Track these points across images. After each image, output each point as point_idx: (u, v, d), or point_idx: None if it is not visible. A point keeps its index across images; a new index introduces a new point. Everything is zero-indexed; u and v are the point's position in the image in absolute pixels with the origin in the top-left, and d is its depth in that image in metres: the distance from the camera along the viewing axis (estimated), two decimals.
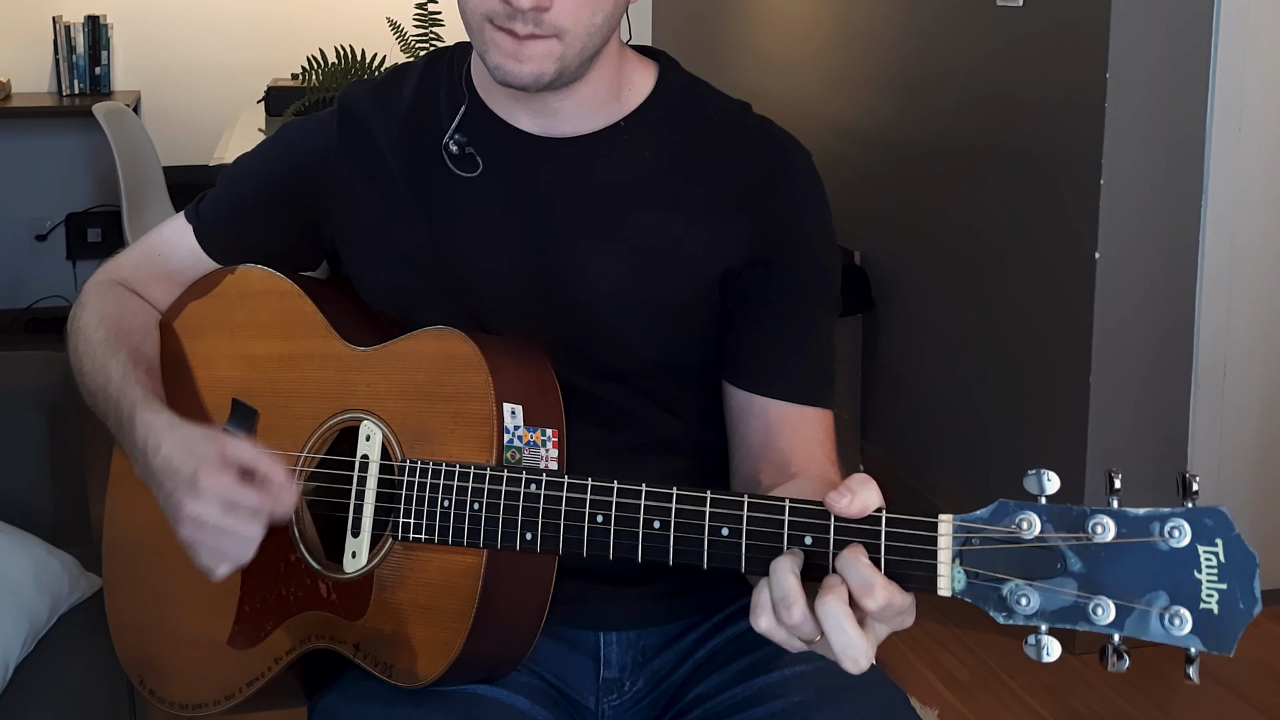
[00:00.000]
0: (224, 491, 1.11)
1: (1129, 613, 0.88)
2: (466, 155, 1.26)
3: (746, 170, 1.26)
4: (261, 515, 1.12)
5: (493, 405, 1.14)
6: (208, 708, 1.27)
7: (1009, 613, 0.91)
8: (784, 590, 0.94)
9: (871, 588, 0.92)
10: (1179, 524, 0.87)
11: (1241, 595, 0.86)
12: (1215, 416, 2.88)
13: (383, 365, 1.22)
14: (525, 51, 1.15)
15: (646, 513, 1.04)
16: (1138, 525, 0.88)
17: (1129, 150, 2.75)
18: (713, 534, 1.02)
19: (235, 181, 1.39)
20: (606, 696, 1.30)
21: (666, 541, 1.03)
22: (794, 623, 0.94)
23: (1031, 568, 0.90)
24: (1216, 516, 0.87)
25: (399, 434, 1.18)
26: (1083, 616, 0.89)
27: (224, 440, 1.15)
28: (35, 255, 5.35)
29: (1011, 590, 0.91)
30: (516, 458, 1.14)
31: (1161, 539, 0.87)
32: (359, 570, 1.18)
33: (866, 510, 0.95)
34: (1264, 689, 2.69)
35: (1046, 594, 0.90)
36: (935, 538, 0.93)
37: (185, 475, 1.13)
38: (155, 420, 1.20)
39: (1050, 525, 0.90)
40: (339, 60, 3.65)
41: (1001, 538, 0.91)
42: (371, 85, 1.34)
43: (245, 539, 1.12)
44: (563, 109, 1.24)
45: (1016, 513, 0.91)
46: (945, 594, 0.93)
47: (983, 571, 0.92)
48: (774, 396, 1.25)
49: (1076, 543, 0.89)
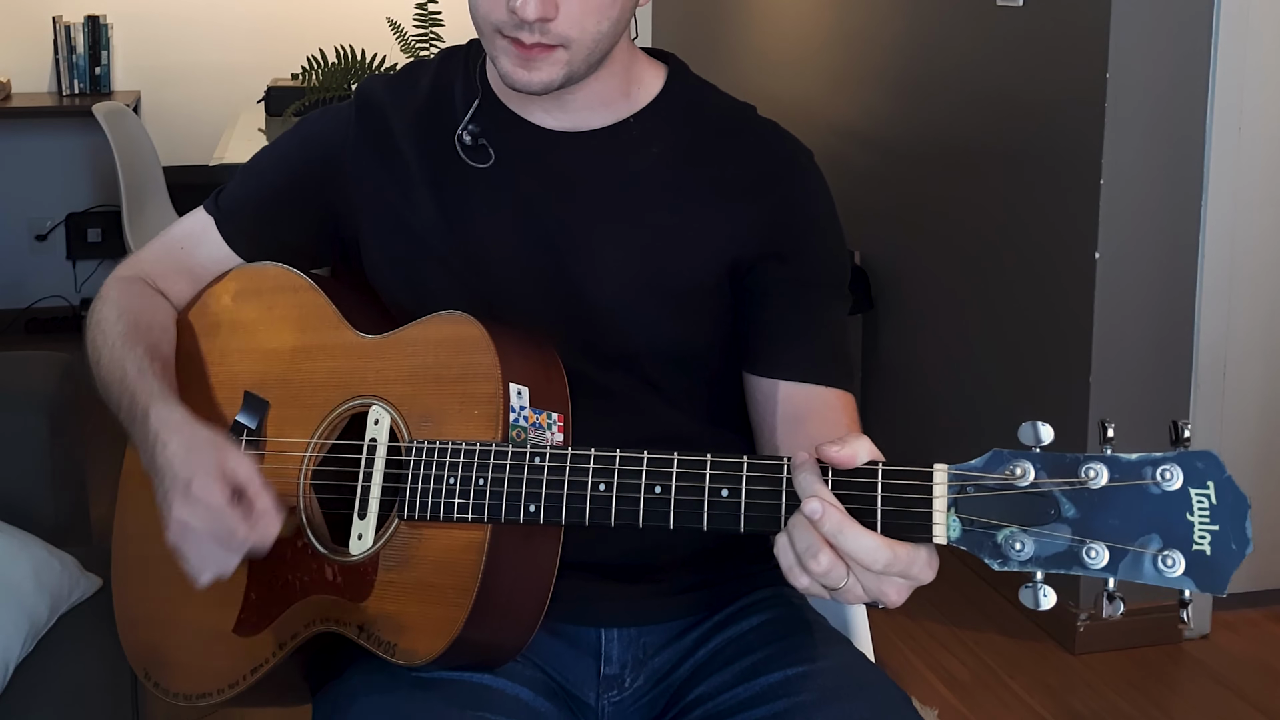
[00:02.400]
0: (211, 504, 1.14)
1: (1123, 556, 0.89)
2: (479, 147, 1.29)
3: (752, 165, 1.29)
4: (242, 539, 1.14)
5: (499, 384, 1.16)
6: (211, 697, 1.28)
7: (1004, 559, 0.92)
8: (806, 541, 0.97)
9: (872, 552, 0.95)
10: (1171, 467, 0.88)
11: (1233, 536, 0.88)
12: (1215, 416, 2.88)
13: (392, 351, 1.24)
14: (534, 62, 1.18)
15: (648, 478, 1.06)
16: (1130, 469, 0.89)
17: (1129, 150, 2.75)
18: (713, 495, 1.04)
19: (256, 173, 1.41)
20: (607, 693, 1.31)
21: (667, 505, 1.05)
22: (822, 569, 0.96)
23: (1026, 514, 0.91)
24: (1207, 460, 0.88)
25: (407, 417, 1.20)
26: (1077, 561, 0.90)
27: (226, 452, 1.16)
28: (35, 255, 5.35)
29: (1006, 537, 0.92)
30: (522, 437, 1.16)
31: (1154, 482, 0.89)
32: (365, 552, 1.19)
33: (855, 460, 0.98)
34: (1264, 689, 2.69)
35: (1041, 540, 0.91)
36: (930, 486, 0.94)
37: (181, 479, 1.15)
38: (169, 416, 1.21)
39: (1044, 472, 0.91)
40: (339, 60, 3.66)
41: (996, 485, 0.92)
42: (388, 79, 1.37)
43: (222, 557, 1.15)
44: (573, 103, 1.27)
45: (1011, 461, 0.92)
46: (940, 541, 0.94)
47: (978, 519, 0.93)
48: (796, 379, 1.26)
49: (1070, 488, 0.90)
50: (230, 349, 1.34)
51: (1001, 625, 2.90)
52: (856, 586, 0.98)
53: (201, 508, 1.13)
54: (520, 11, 1.14)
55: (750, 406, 1.30)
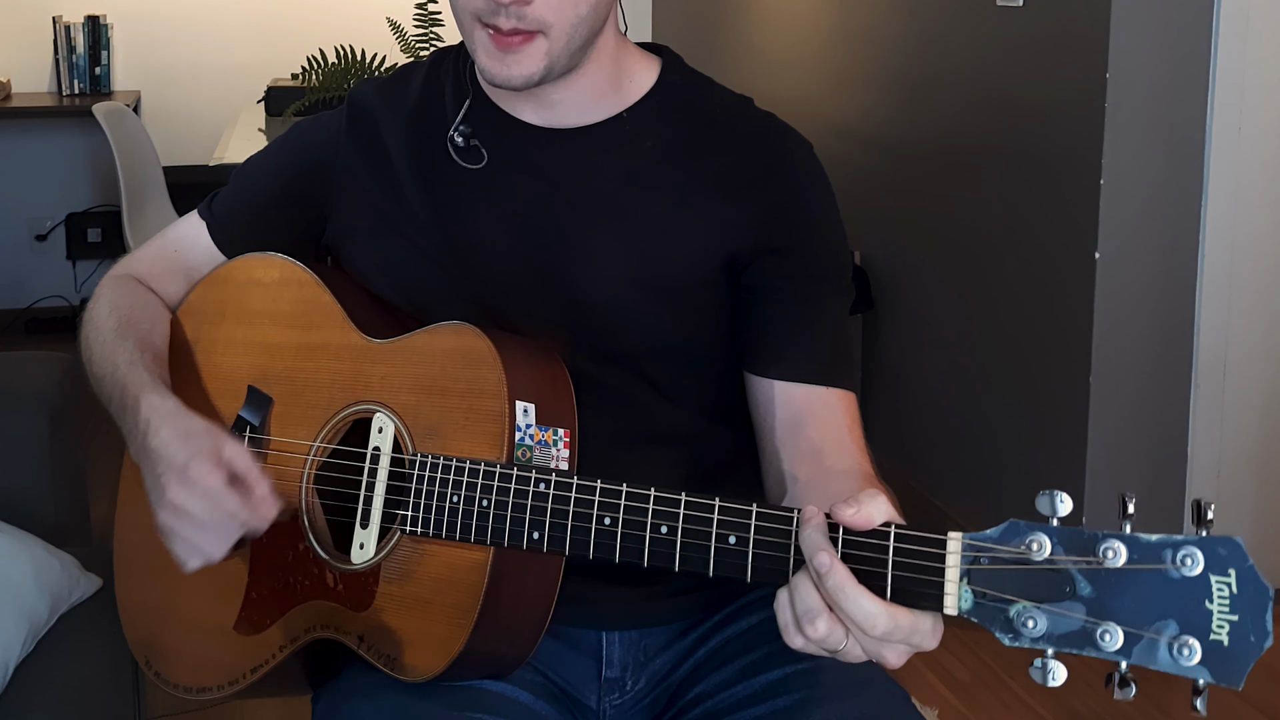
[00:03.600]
0: (209, 487, 1.13)
1: (1137, 640, 0.86)
2: (471, 148, 1.28)
3: (749, 159, 1.27)
4: (237, 522, 1.13)
5: (505, 402, 1.15)
6: (211, 692, 1.28)
7: (1015, 635, 0.89)
8: (806, 605, 0.95)
9: (873, 618, 0.93)
10: (1192, 552, 0.85)
11: (1253, 628, 0.84)
12: (1215, 416, 2.88)
13: (398, 358, 1.23)
14: (512, 55, 1.16)
15: (654, 517, 1.04)
16: (1150, 551, 0.86)
17: (1129, 150, 2.75)
18: (720, 541, 1.02)
19: (247, 179, 1.41)
20: (608, 696, 1.31)
21: (673, 547, 1.04)
22: (819, 635, 0.94)
23: (1040, 590, 0.89)
24: (1230, 546, 0.85)
25: (411, 427, 1.19)
26: (1090, 642, 0.87)
27: (222, 439, 1.16)
28: (35, 255, 5.35)
29: (1019, 612, 0.89)
30: (527, 456, 1.15)
31: (1173, 566, 0.85)
32: (366, 562, 1.19)
33: (871, 523, 0.95)
34: (1264, 689, 2.69)
35: (1054, 617, 0.88)
36: (943, 555, 0.92)
37: (178, 463, 1.14)
38: (161, 404, 1.21)
39: (1060, 547, 0.88)
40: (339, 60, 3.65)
41: (1011, 558, 0.90)
42: (380, 83, 1.37)
43: (216, 541, 1.14)
44: (563, 100, 1.26)
45: (1027, 533, 0.89)
46: (951, 613, 0.92)
47: (990, 592, 0.90)
48: (796, 379, 1.24)
49: (1087, 566, 0.88)
50: (234, 339, 1.34)
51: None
52: (855, 648, 0.96)
53: (199, 490, 1.13)
54: None
55: (751, 405, 1.29)
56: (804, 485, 1.18)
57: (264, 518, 1.14)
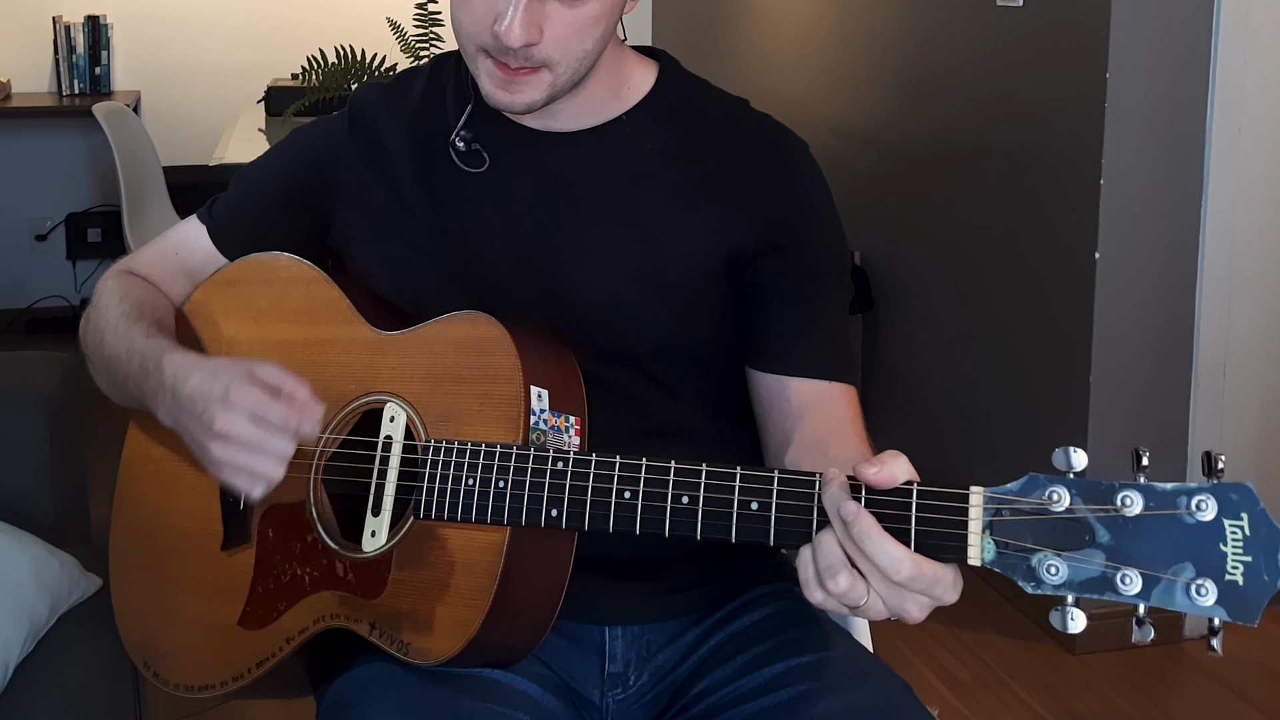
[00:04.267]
0: (253, 404, 1.13)
1: (1155, 583, 0.90)
2: (473, 151, 1.30)
3: (747, 158, 1.29)
4: (289, 429, 1.13)
5: (521, 386, 1.16)
6: (214, 689, 1.28)
7: (1038, 582, 0.93)
8: (829, 560, 0.98)
9: (897, 563, 0.95)
10: (1205, 498, 0.89)
11: (1266, 567, 0.88)
12: (1215, 416, 2.88)
13: (409, 349, 1.24)
14: (516, 84, 1.19)
15: (675, 488, 1.06)
16: (1165, 499, 0.91)
17: (1129, 150, 2.75)
18: (741, 508, 1.04)
19: (248, 182, 1.42)
20: (611, 691, 1.31)
21: (695, 516, 1.06)
22: (841, 589, 0.97)
23: (1060, 539, 0.92)
24: (1242, 491, 0.89)
25: (424, 415, 1.20)
26: (1110, 587, 0.91)
27: (250, 362, 1.17)
28: (35, 255, 5.35)
29: (1040, 560, 0.92)
30: (541, 440, 1.16)
31: (1188, 512, 0.90)
32: (378, 549, 1.19)
33: (894, 481, 0.98)
34: (1264, 689, 2.69)
35: (1075, 565, 0.92)
36: (966, 509, 0.95)
37: (217, 394, 1.14)
38: (183, 359, 1.22)
39: (1079, 498, 0.92)
40: (339, 60, 3.66)
41: (1031, 509, 0.93)
42: (381, 86, 1.38)
43: (275, 454, 1.13)
44: (563, 109, 1.28)
45: (1046, 486, 0.93)
46: (975, 564, 0.95)
47: (1012, 542, 0.94)
48: (800, 374, 1.27)
49: (1105, 515, 0.92)
50: (241, 337, 1.34)
51: (1001, 625, 2.90)
52: (877, 602, 0.98)
53: (244, 411, 1.13)
54: (504, 38, 1.15)
55: (754, 401, 1.30)
56: None
57: (312, 420, 1.14)
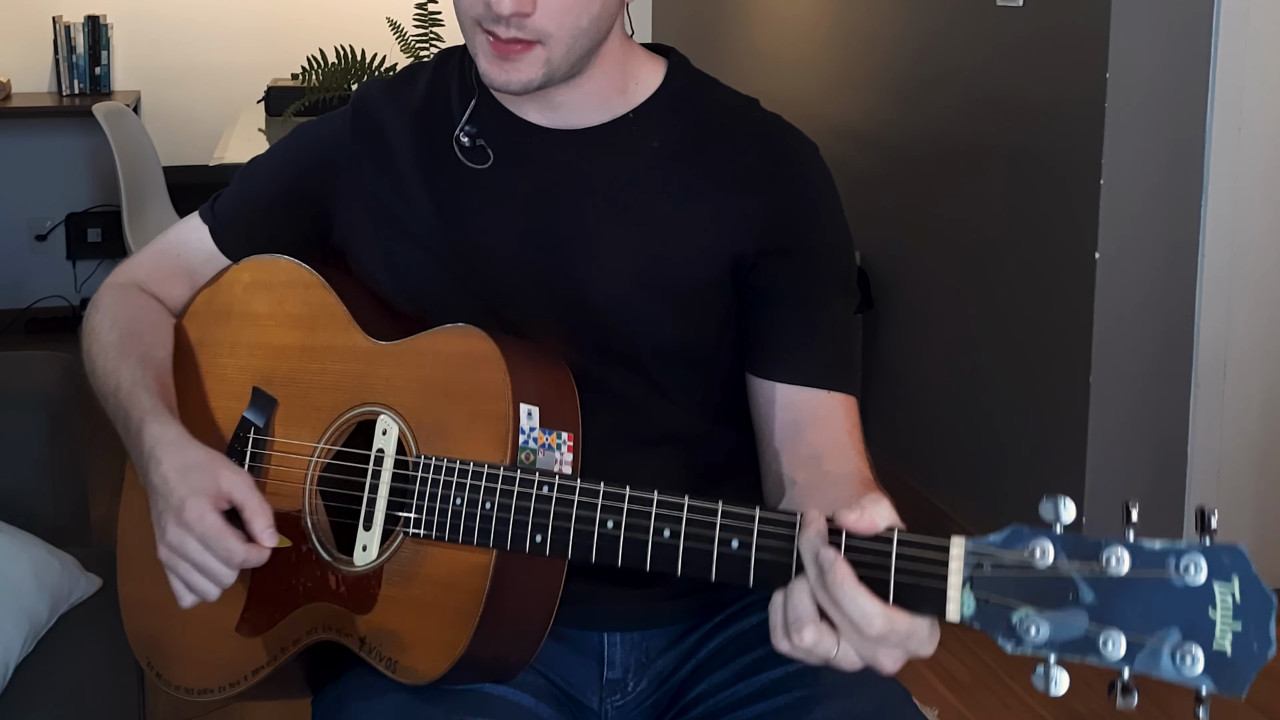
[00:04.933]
0: (202, 531, 1.15)
1: (1140, 648, 0.86)
2: (477, 148, 1.28)
3: (754, 159, 1.27)
4: (234, 563, 1.16)
5: (509, 405, 1.14)
6: (213, 694, 1.28)
7: (1018, 641, 0.88)
8: (797, 612, 0.95)
9: (870, 618, 0.92)
10: (1195, 559, 0.84)
11: (1256, 636, 0.84)
12: (1215, 416, 2.88)
13: (403, 360, 1.23)
14: (511, 61, 1.18)
15: (657, 520, 1.04)
16: (1153, 559, 0.86)
17: (1129, 150, 2.75)
18: (722, 546, 1.01)
19: (250, 180, 1.41)
20: (610, 697, 1.31)
21: (675, 552, 1.04)
22: (806, 645, 0.94)
23: (1043, 597, 0.88)
24: (1234, 554, 0.84)
25: (415, 429, 1.19)
26: (1092, 649, 0.86)
27: (220, 472, 1.18)
28: (35, 255, 5.35)
29: (1022, 619, 0.88)
30: (531, 459, 1.15)
31: (1177, 574, 0.85)
32: (369, 564, 1.18)
33: (875, 528, 0.94)
34: (1264, 689, 2.68)
35: (1057, 624, 0.87)
36: (946, 560, 0.91)
37: (174, 502, 1.17)
38: (163, 434, 1.22)
39: (1064, 554, 0.88)
40: (339, 60, 3.65)
41: (1014, 564, 0.89)
42: (385, 83, 1.37)
43: (213, 578, 1.17)
44: (567, 103, 1.26)
45: (1030, 539, 0.89)
46: (954, 619, 0.91)
47: (993, 598, 0.89)
48: (799, 383, 1.24)
49: (1090, 574, 0.87)
50: (239, 341, 1.34)
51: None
52: (850, 653, 0.95)
53: (195, 534, 1.15)
54: (496, 6, 1.14)
55: (752, 408, 1.28)
56: (802, 489, 1.18)
57: (259, 557, 1.17)
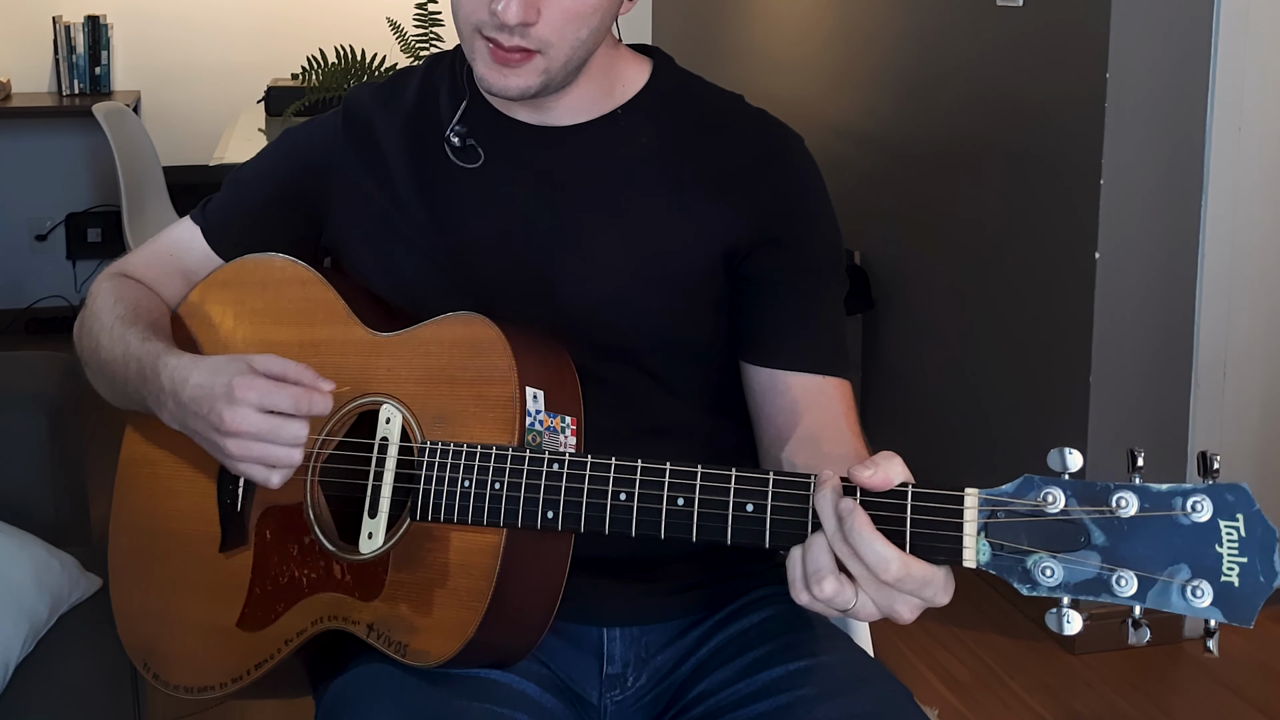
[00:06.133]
0: (259, 396, 1.14)
1: (1151, 584, 0.90)
2: (468, 147, 1.30)
3: (742, 151, 1.29)
4: (300, 411, 1.14)
5: (516, 388, 1.16)
6: (213, 690, 1.28)
7: (1033, 584, 0.93)
8: (816, 564, 0.98)
9: (886, 562, 0.95)
10: (1201, 499, 0.89)
11: (1262, 568, 0.88)
12: (1215, 416, 2.88)
13: (404, 350, 1.24)
14: (510, 68, 1.19)
15: (670, 489, 1.06)
16: (1160, 500, 0.90)
17: (1129, 150, 2.75)
18: (737, 509, 1.04)
19: (241, 183, 1.42)
20: (610, 692, 1.31)
21: (690, 518, 1.05)
22: (826, 595, 0.97)
23: (1055, 541, 0.92)
24: (1237, 492, 0.89)
25: (419, 417, 1.20)
26: (1105, 588, 0.91)
27: (248, 356, 1.18)
28: (35, 255, 5.35)
29: (1035, 562, 0.92)
30: (537, 441, 1.16)
31: (1183, 513, 0.89)
32: (375, 551, 1.19)
33: (889, 483, 0.97)
34: (1264, 689, 2.69)
35: (1070, 566, 0.91)
36: (961, 510, 0.95)
37: (220, 391, 1.15)
38: (179, 361, 1.23)
39: (1074, 499, 0.92)
40: (339, 60, 3.65)
41: (1026, 511, 0.93)
42: (376, 86, 1.38)
43: (290, 438, 1.15)
44: (556, 106, 1.29)
45: (1041, 487, 0.93)
46: (970, 565, 0.94)
47: (1007, 544, 0.93)
48: (794, 369, 1.27)
49: (1100, 516, 0.91)
50: (236, 337, 1.34)
51: (1001, 625, 2.90)
52: (867, 603, 0.98)
53: (250, 405, 1.14)
54: (502, 15, 1.15)
55: (748, 396, 1.30)
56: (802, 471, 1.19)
57: (323, 398, 1.15)
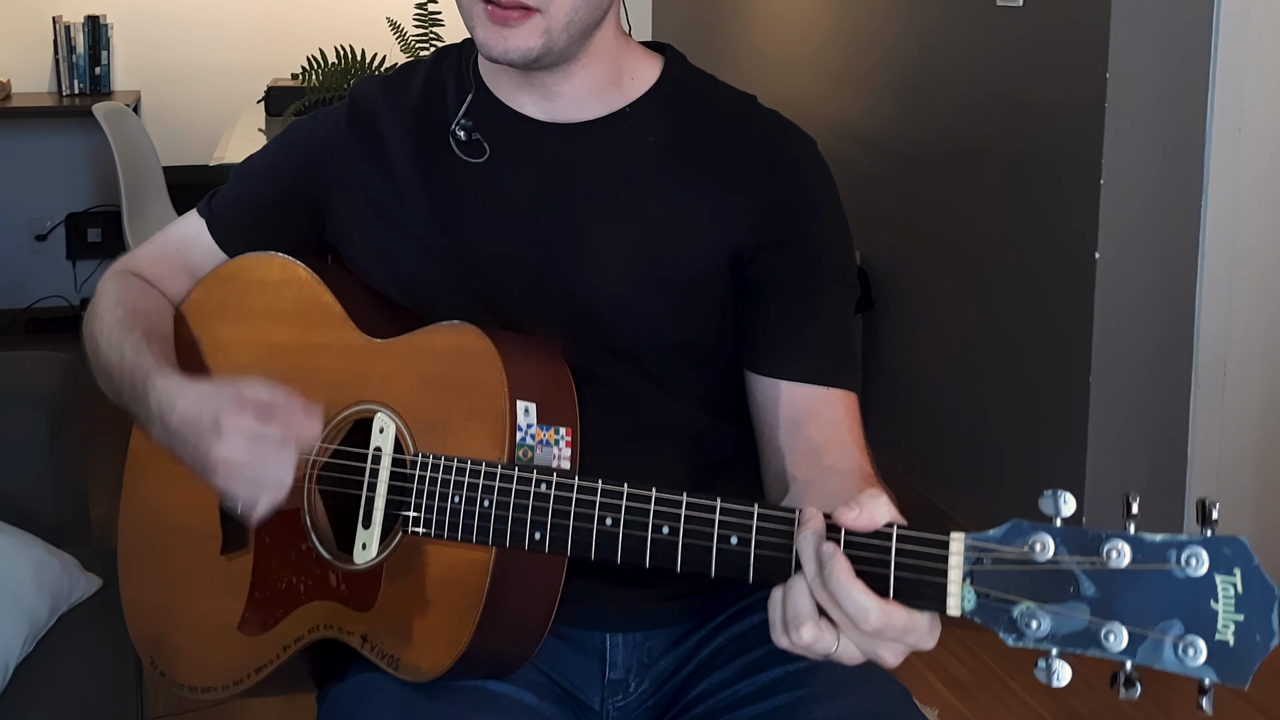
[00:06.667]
0: (247, 428, 1.12)
1: (1142, 640, 0.85)
2: (473, 141, 1.28)
3: (752, 153, 1.27)
4: (289, 444, 1.12)
5: (506, 401, 1.14)
6: (216, 692, 1.28)
7: (1019, 635, 0.88)
8: (795, 609, 0.95)
9: (865, 612, 0.92)
10: (1196, 552, 0.84)
11: (1259, 627, 0.83)
12: (1215, 416, 2.88)
13: (399, 357, 1.23)
14: (510, 29, 1.17)
15: (655, 517, 1.04)
16: (1154, 551, 0.85)
17: (1129, 150, 2.75)
18: (721, 542, 1.01)
19: (247, 177, 1.41)
20: (612, 698, 1.31)
21: (674, 548, 1.03)
22: (805, 642, 0.94)
23: (1044, 590, 0.88)
24: (1235, 546, 0.84)
25: (412, 427, 1.19)
26: (1094, 642, 0.86)
27: (236, 385, 1.16)
28: (35, 255, 5.35)
29: (1023, 612, 0.88)
30: (529, 455, 1.15)
31: (1178, 566, 0.85)
32: (368, 562, 1.19)
33: (875, 524, 0.94)
34: (1264, 689, 2.68)
35: (1058, 618, 0.87)
36: (946, 556, 0.91)
37: (207, 422, 1.14)
38: (167, 383, 1.21)
39: (1064, 548, 0.88)
40: (339, 60, 3.66)
41: (1014, 558, 0.89)
42: (382, 79, 1.37)
43: (279, 470, 1.12)
44: (563, 93, 1.26)
45: (1030, 534, 0.89)
46: (954, 614, 0.91)
47: (994, 592, 0.89)
48: (798, 379, 1.23)
49: (1090, 567, 0.87)
50: (234, 339, 1.34)
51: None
52: (850, 648, 0.95)
53: (239, 436, 1.12)
54: None
55: (751, 404, 1.28)
56: (803, 485, 1.18)
57: (312, 426, 1.13)
